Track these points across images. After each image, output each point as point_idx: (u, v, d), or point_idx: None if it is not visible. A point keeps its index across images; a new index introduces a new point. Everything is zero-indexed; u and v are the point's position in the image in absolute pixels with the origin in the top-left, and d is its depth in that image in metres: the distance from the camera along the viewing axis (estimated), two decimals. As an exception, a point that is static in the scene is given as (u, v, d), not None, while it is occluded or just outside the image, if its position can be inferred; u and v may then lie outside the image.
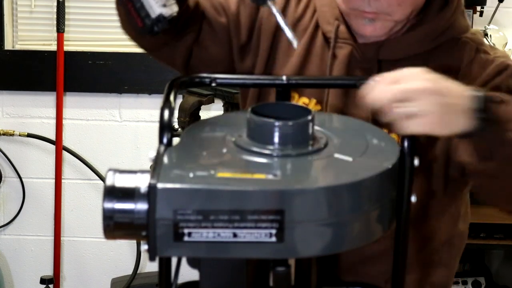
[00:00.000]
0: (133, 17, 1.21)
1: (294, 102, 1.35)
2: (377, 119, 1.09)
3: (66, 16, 2.91)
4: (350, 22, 1.37)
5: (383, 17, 1.31)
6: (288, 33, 1.16)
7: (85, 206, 3.03)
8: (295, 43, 1.17)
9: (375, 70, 1.33)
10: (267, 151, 0.98)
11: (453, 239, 1.44)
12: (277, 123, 0.98)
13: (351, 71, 1.36)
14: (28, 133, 2.97)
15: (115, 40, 2.99)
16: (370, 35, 1.35)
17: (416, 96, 1.05)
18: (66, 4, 2.90)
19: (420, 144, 1.05)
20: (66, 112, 2.98)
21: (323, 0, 1.42)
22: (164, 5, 1.18)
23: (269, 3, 1.17)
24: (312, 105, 1.37)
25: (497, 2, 2.62)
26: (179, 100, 2.47)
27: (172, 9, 1.20)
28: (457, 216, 1.43)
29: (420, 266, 1.40)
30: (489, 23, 2.59)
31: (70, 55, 2.94)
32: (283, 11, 1.42)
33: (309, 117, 1.00)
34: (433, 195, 1.36)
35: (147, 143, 2.94)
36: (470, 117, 1.10)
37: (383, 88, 1.06)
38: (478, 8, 2.50)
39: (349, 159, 0.98)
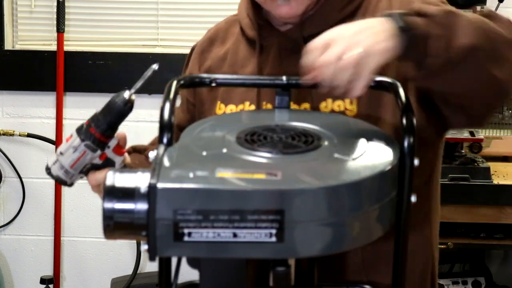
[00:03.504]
0: None
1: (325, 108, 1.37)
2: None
3: (66, 16, 2.91)
4: (269, 10, 1.41)
5: None
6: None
7: (85, 206, 3.03)
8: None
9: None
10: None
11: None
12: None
13: (283, 60, 1.41)
14: (28, 133, 2.97)
15: (115, 40, 2.99)
16: (287, 15, 1.38)
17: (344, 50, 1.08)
18: (66, 4, 2.90)
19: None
20: (66, 112, 2.98)
21: (243, 14, 1.49)
22: (66, 172, 1.34)
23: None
24: (347, 105, 1.37)
25: (497, 2, 2.62)
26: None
27: (72, 180, 1.36)
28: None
29: None
30: (489, 23, 2.58)
31: (70, 55, 2.94)
32: (205, 53, 1.55)
33: None
34: None
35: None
36: (395, 35, 1.11)
37: (324, 65, 1.09)
38: (478, 8, 2.50)
39: (349, 159, 0.98)
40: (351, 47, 1.08)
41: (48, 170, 1.36)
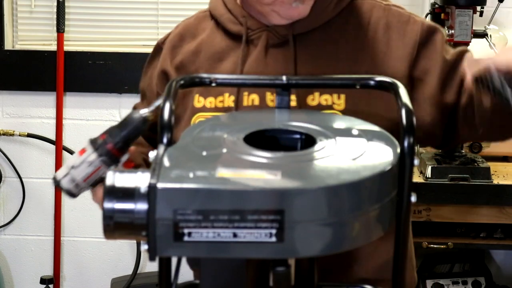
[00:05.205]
0: None
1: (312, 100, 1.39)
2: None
3: (66, 16, 2.91)
4: (275, 11, 1.42)
5: None
6: None
7: (85, 206, 3.03)
8: None
9: (291, 46, 1.41)
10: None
11: None
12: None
13: (268, 54, 1.42)
14: (28, 133, 2.97)
15: (115, 40, 2.99)
16: (299, 16, 1.41)
17: None
18: (66, 4, 2.90)
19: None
20: (66, 112, 2.98)
21: (221, 11, 1.50)
22: (77, 185, 1.36)
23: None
24: (335, 99, 1.38)
25: (497, 2, 2.62)
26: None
27: (80, 192, 1.39)
28: None
29: None
30: (489, 23, 2.59)
31: (70, 55, 2.94)
32: (176, 49, 1.55)
33: None
34: None
35: (147, 143, 2.94)
36: None
37: None
38: (478, 8, 2.50)
39: (349, 159, 0.98)
40: None
41: (57, 182, 1.35)
